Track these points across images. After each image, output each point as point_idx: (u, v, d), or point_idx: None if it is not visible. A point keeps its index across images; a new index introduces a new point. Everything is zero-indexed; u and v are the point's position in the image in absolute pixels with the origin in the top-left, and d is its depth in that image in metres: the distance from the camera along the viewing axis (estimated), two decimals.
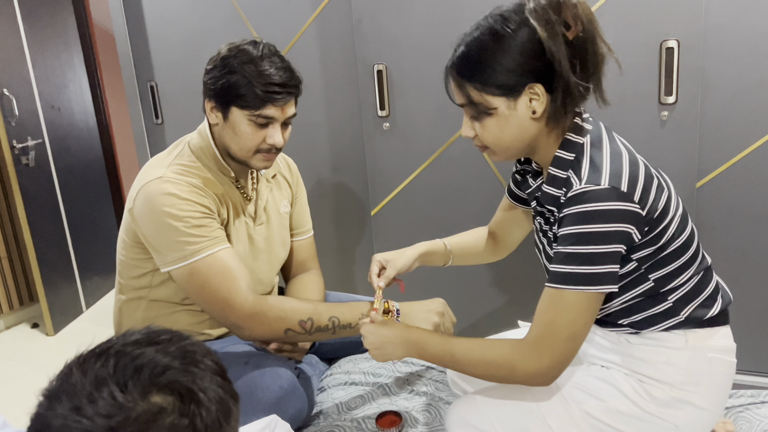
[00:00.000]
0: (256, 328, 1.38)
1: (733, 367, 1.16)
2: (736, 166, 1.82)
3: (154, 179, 1.36)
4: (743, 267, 1.89)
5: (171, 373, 0.61)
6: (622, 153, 1.06)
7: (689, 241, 1.12)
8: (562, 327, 1.03)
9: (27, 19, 3.00)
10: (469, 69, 1.06)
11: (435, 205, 2.16)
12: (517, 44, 1.02)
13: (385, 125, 2.14)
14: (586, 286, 1.02)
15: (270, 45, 1.41)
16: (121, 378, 0.59)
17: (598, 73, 1.06)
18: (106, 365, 0.60)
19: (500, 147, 1.12)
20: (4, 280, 3.19)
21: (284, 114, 1.39)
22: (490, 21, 1.05)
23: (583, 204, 1.00)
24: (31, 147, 2.97)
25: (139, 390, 0.58)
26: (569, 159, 1.08)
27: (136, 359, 0.60)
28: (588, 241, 1.00)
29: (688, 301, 1.13)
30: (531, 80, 1.04)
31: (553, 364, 1.05)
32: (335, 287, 2.46)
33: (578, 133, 1.09)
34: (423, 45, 2.00)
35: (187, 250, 1.35)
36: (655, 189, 1.05)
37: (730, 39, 1.74)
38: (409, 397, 1.54)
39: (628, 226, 1.01)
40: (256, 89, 1.33)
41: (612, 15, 1.79)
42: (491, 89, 1.05)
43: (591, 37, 1.03)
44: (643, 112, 1.84)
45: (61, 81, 3.26)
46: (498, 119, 1.08)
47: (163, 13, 2.38)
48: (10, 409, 2.38)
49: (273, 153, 1.43)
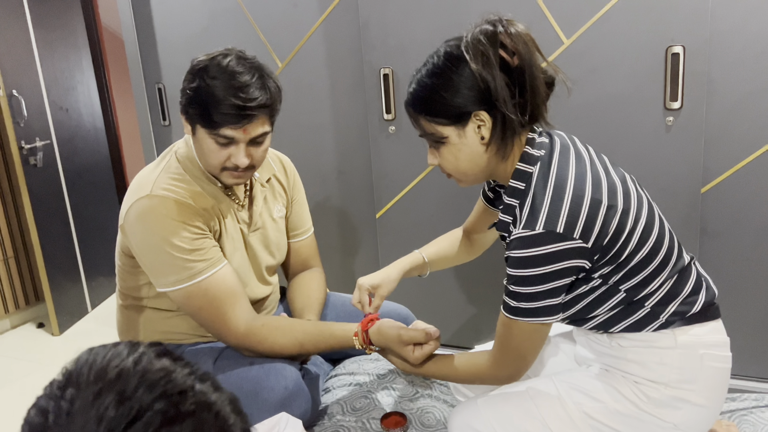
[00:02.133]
0: (249, 353, 1.42)
1: (727, 361, 1.16)
2: (741, 172, 1.83)
3: (143, 197, 1.34)
4: (748, 273, 1.89)
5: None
6: (566, 185, 1.08)
7: (656, 248, 1.13)
8: (513, 349, 1.17)
9: (37, 21, 3.03)
10: (419, 104, 1.15)
11: (439, 208, 2.17)
12: (457, 77, 1.10)
13: (390, 128, 2.15)
14: (531, 318, 1.11)
15: (241, 57, 1.33)
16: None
17: (537, 99, 1.11)
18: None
19: (460, 173, 1.19)
20: (11, 279, 3.21)
21: (247, 134, 1.32)
22: (435, 58, 1.14)
23: (521, 250, 1.06)
24: (39, 148, 2.99)
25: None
26: (521, 188, 1.14)
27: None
28: (529, 283, 1.08)
29: (665, 304, 1.14)
30: (475, 108, 1.10)
31: (512, 373, 1.21)
32: (339, 289, 2.47)
33: (528, 161, 1.14)
34: (429, 49, 1.99)
35: (182, 274, 1.34)
36: (603, 215, 1.06)
37: (735, 45, 1.74)
38: (414, 398, 1.55)
39: (570, 261, 1.06)
40: (213, 110, 1.28)
41: (618, 21, 1.80)
42: (440, 120, 1.13)
43: (528, 65, 1.08)
44: (649, 117, 1.84)
45: (70, 83, 3.29)
46: (451, 147, 1.15)
47: (172, 16, 2.40)
48: (15, 409, 2.39)
49: (241, 171, 1.37)
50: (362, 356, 1.74)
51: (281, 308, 1.73)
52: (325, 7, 2.18)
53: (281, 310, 1.72)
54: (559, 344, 1.41)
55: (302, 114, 2.33)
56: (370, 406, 1.52)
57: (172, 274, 1.34)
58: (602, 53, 1.85)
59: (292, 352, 1.42)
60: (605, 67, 1.85)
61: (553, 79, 1.15)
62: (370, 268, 2.38)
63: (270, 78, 1.35)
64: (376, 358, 1.69)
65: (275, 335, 1.41)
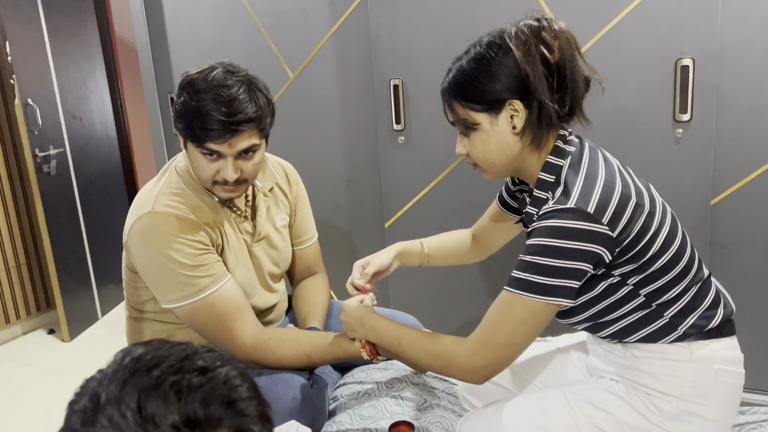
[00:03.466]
0: (256, 365, 1.43)
1: (741, 378, 1.16)
2: (750, 184, 1.82)
3: (144, 215, 1.35)
4: (758, 285, 1.88)
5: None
6: (598, 176, 1.09)
7: (679, 255, 1.13)
8: (503, 332, 1.09)
9: (52, 31, 3.08)
10: (456, 88, 1.17)
11: (449, 218, 2.18)
12: (497, 64, 1.11)
13: (400, 139, 2.16)
14: (539, 295, 1.06)
15: (229, 71, 1.31)
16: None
17: (576, 95, 1.13)
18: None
19: (487, 162, 1.19)
20: (23, 286, 3.24)
21: (233, 148, 1.30)
22: (477, 46, 1.16)
23: (550, 220, 1.05)
24: (52, 156, 3.02)
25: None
26: (550, 181, 1.14)
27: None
28: (549, 254, 1.04)
29: (684, 316, 1.14)
30: (510, 96, 1.12)
31: (486, 365, 1.10)
32: (346, 297, 2.48)
33: (559, 155, 1.15)
34: (439, 60, 2.02)
35: (186, 291, 1.35)
36: (631, 210, 1.07)
37: (745, 57, 1.74)
38: (422, 408, 1.55)
39: (594, 246, 1.04)
40: (196, 125, 1.28)
41: (627, 33, 1.81)
42: (474, 105, 1.15)
43: (569, 61, 1.11)
44: (658, 129, 1.84)
45: (84, 92, 3.33)
46: (482, 134, 1.16)
47: (184, 27, 2.44)
48: (27, 414, 2.41)
49: (233, 185, 1.36)
50: (370, 365, 1.74)
51: (287, 318, 1.73)
52: (336, 19, 2.20)
53: (288, 319, 1.73)
54: (570, 355, 1.41)
55: (313, 124, 2.35)
56: (378, 416, 1.52)
57: (177, 290, 1.35)
58: (612, 65, 1.85)
59: (299, 365, 1.43)
60: (615, 79, 1.86)
61: (589, 80, 1.17)
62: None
63: (259, 91, 1.33)
64: (384, 368, 1.69)
65: (282, 349, 1.41)
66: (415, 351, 1.19)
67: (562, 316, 1.20)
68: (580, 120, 1.17)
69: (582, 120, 1.17)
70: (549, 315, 1.09)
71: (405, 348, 1.21)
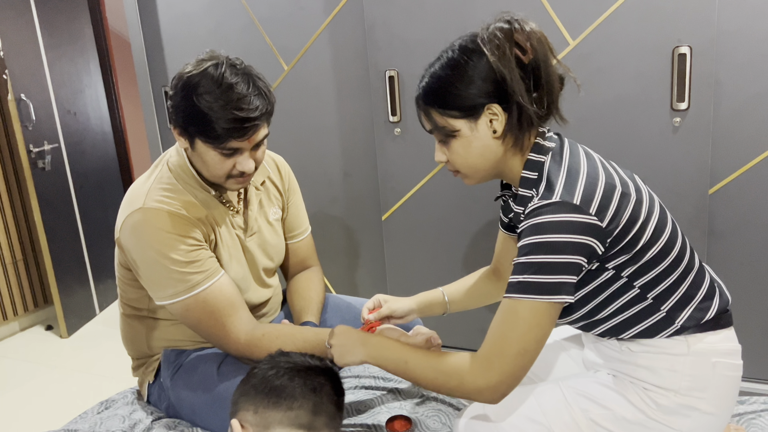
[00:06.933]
0: (251, 362, 1.40)
1: (739, 370, 1.16)
2: (748, 173, 1.82)
3: (136, 211, 1.34)
4: (756, 274, 1.88)
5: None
6: (580, 169, 1.08)
7: (670, 243, 1.12)
8: (513, 341, 1.04)
9: (44, 25, 3.05)
10: (432, 95, 1.15)
11: (445, 210, 2.17)
12: (472, 69, 1.10)
13: (396, 131, 2.15)
14: (541, 295, 1.03)
15: (236, 65, 1.30)
16: None
17: (552, 94, 1.12)
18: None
19: (468, 168, 1.18)
20: (20, 282, 3.24)
21: (252, 143, 1.32)
22: (449, 52, 1.14)
23: (537, 218, 1.04)
24: (47, 151, 3.01)
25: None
26: (533, 178, 1.13)
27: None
28: (542, 251, 1.03)
29: (681, 308, 1.13)
30: (488, 101, 1.10)
31: (502, 380, 1.05)
32: (344, 291, 2.48)
33: (540, 151, 1.14)
34: (434, 51, 1.98)
35: (180, 287, 1.34)
36: (618, 199, 1.06)
37: (742, 45, 1.73)
38: (420, 401, 1.55)
39: (585, 237, 1.03)
40: (216, 126, 1.25)
41: (624, 21, 1.79)
42: (452, 112, 1.13)
43: (543, 61, 1.10)
44: (656, 118, 1.83)
45: (77, 86, 3.31)
46: (462, 140, 1.14)
47: (178, 20, 2.42)
48: (24, 411, 2.41)
49: (247, 176, 1.37)
50: None
51: (282, 313, 1.72)
52: (330, 10, 2.18)
53: (283, 314, 1.72)
54: (566, 348, 1.40)
55: (308, 116, 2.33)
56: (375, 410, 1.52)
57: (170, 287, 1.34)
58: (608, 54, 1.84)
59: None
60: (611, 67, 1.84)
61: (563, 78, 1.16)
62: (376, 270, 2.39)
63: (261, 80, 1.33)
64: None
65: (276, 345, 1.39)
66: (424, 371, 1.12)
67: (558, 315, 1.18)
68: (556, 118, 1.16)
69: (558, 119, 1.16)
70: (554, 315, 1.06)
71: (412, 368, 1.14)
